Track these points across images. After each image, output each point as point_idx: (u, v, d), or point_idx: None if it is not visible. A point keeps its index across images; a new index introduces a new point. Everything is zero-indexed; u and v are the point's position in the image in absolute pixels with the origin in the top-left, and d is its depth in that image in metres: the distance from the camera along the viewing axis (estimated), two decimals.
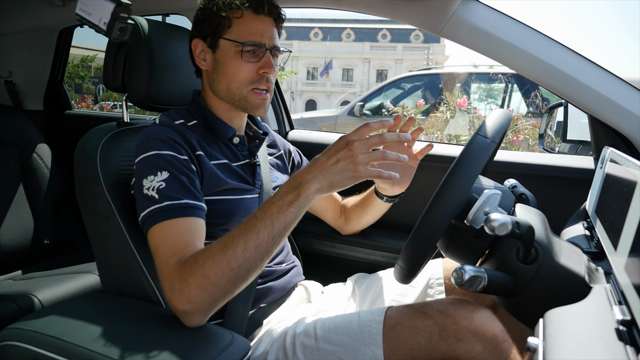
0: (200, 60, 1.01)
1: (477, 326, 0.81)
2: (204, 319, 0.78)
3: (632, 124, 1.05)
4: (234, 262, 0.74)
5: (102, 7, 0.95)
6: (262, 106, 0.99)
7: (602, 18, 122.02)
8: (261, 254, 0.76)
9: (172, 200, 0.84)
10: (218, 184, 0.95)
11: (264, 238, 0.75)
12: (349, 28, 40.80)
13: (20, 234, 1.63)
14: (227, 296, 0.77)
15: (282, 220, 0.76)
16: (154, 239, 0.83)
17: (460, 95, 4.35)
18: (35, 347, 0.76)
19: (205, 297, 0.75)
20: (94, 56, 20.10)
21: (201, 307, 0.76)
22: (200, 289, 0.74)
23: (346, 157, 0.75)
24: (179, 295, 0.75)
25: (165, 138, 0.91)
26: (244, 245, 0.75)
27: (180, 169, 0.88)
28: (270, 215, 0.76)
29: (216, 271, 0.74)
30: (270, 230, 0.75)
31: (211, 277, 0.74)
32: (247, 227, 0.77)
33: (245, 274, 0.76)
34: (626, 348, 0.46)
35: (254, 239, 0.75)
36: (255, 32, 0.95)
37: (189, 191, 0.87)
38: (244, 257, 0.75)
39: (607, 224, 0.73)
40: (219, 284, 0.75)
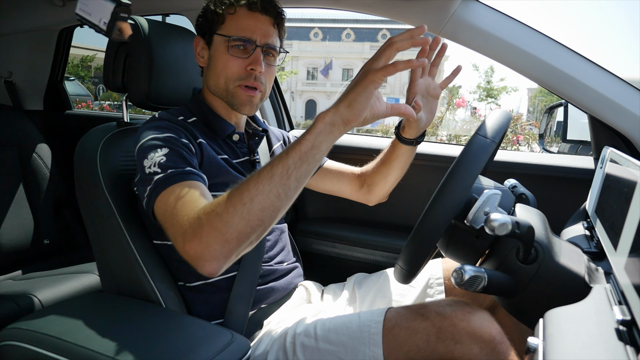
0: (199, 57, 1.02)
1: (475, 328, 0.81)
2: (218, 267, 0.72)
3: (632, 124, 1.05)
4: (246, 196, 0.70)
5: (102, 7, 0.95)
6: (248, 104, 0.98)
7: (602, 18, 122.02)
8: (276, 187, 0.70)
9: (174, 169, 0.83)
10: (218, 171, 0.95)
11: (278, 169, 0.70)
12: (349, 28, 40.78)
13: (20, 234, 1.63)
14: (242, 240, 0.71)
15: (296, 149, 0.71)
16: (162, 205, 0.80)
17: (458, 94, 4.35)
18: (35, 347, 0.76)
19: (217, 237, 0.70)
20: (93, 56, 20.10)
21: (213, 250, 0.70)
22: (213, 228, 0.70)
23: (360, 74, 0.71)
24: (191, 237, 0.71)
25: (165, 125, 0.91)
26: (257, 178, 0.71)
27: (180, 145, 0.88)
28: (287, 150, 0.72)
29: (228, 206, 0.70)
30: (284, 160, 0.71)
31: (223, 214, 0.70)
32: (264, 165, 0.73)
33: (259, 210, 0.70)
34: (626, 348, 0.46)
35: (267, 170, 0.71)
36: (246, 28, 0.95)
37: (188, 162, 0.86)
38: (257, 189, 0.70)
39: (607, 224, 0.73)
40: (232, 222, 0.70)
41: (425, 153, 1.46)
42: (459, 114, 6.17)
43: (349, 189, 1.23)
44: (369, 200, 1.24)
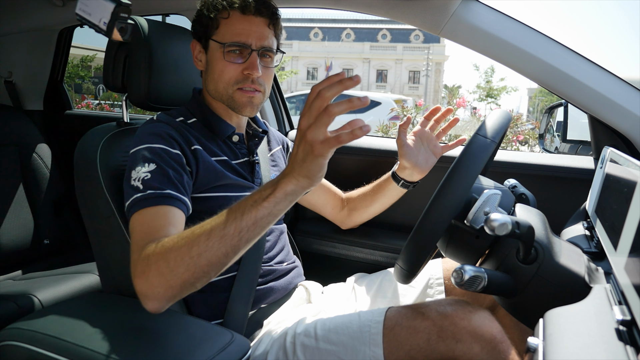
0: (197, 61, 1.02)
1: (475, 327, 0.81)
2: (159, 306, 0.74)
3: (632, 124, 1.05)
4: (194, 250, 0.71)
5: (102, 7, 0.95)
6: (249, 105, 0.98)
7: (602, 18, 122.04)
8: (225, 247, 0.71)
9: (154, 190, 0.83)
10: (216, 178, 0.95)
11: (230, 230, 0.70)
12: (349, 28, 40.80)
13: (20, 234, 1.63)
14: (185, 287, 0.73)
15: (252, 214, 0.70)
16: (132, 225, 0.82)
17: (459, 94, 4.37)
18: (35, 347, 0.76)
19: (161, 281, 0.72)
20: (93, 56, 20.10)
21: (157, 292, 0.72)
22: (159, 272, 0.72)
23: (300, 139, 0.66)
24: (139, 275, 0.73)
25: (160, 132, 0.91)
26: (208, 234, 0.71)
27: (169, 162, 0.88)
28: (242, 208, 0.71)
29: (176, 256, 0.71)
30: (238, 222, 0.70)
31: (170, 261, 0.71)
32: (217, 217, 0.73)
33: (205, 265, 0.71)
34: (626, 348, 0.46)
35: (219, 229, 0.71)
36: (240, 33, 0.94)
37: (173, 184, 0.86)
38: (206, 246, 0.71)
39: (607, 224, 0.73)
40: (177, 271, 0.71)
41: None
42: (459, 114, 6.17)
43: (330, 208, 1.32)
44: (344, 224, 1.36)
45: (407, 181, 1.19)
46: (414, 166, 1.15)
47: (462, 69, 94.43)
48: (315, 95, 0.63)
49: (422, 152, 1.17)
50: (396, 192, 1.22)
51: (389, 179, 1.21)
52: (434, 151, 1.19)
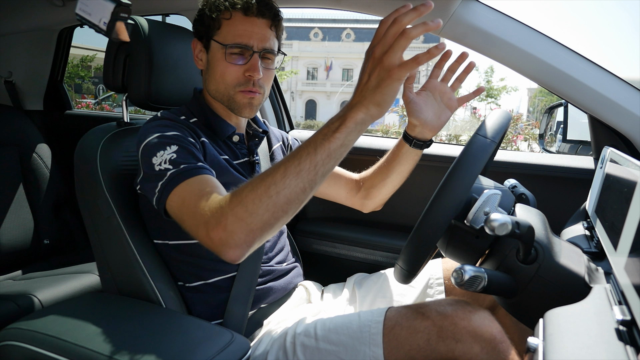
0: (197, 60, 1.02)
1: (475, 327, 0.81)
2: (241, 253, 0.72)
3: (632, 124, 1.05)
4: (272, 189, 0.70)
5: (102, 7, 0.95)
6: (249, 107, 0.98)
7: (602, 18, 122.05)
8: (302, 182, 0.70)
9: (187, 164, 0.83)
10: (220, 170, 0.95)
11: (306, 165, 0.70)
12: (349, 28, 40.78)
13: (20, 234, 1.63)
14: (266, 229, 0.72)
15: (326, 146, 0.70)
16: (178, 198, 0.80)
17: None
18: (35, 347, 0.76)
19: (242, 226, 0.70)
20: (93, 56, 20.09)
21: (237, 238, 0.71)
22: (237, 217, 0.70)
23: (374, 67, 0.68)
24: (215, 225, 0.71)
25: (168, 124, 0.92)
26: (284, 172, 0.70)
27: (187, 144, 0.88)
28: (314, 142, 0.70)
29: (254, 198, 0.70)
30: (312, 156, 0.70)
31: (248, 204, 0.70)
32: (290, 155, 0.72)
33: (284, 203, 0.71)
34: (626, 348, 0.46)
35: (294, 165, 0.70)
36: (242, 34, 0.94)
37: (198, 159, 0.87)
38: (284, 183, 0.70)
39: (607, 224, 0.73)
40: (257, 213, 0.70)
41: (425, 153, 1.46)
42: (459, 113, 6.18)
43: (345, 192, 1.22)
44: (365, 206, 1.23)
45: (419, 139, 1.05)
46: (424, 123, 1.02)
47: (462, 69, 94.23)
48: (390, 23, 0.66)
49: (433, 107, 1.03)
50: (411, 156, 1.09)
51: (401, 142, 1.09)
52: (449, 104, 1.04)
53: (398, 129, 6.11)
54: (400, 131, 5.96)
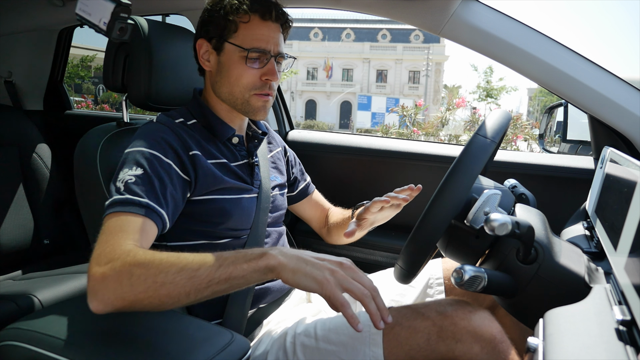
0: (204, 60, 1.00)
1: (475, 327, 0.81)
2: (102, 309, 0.71)
3: (632, 124, 1.05)
4: (161, 277, 0.68)
5: (102, 7, 0.95)
6: (263, 110, 0.99)
7: (602, 18, 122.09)
8: (190, 287, 0.69)
9: (133, 196, 0.81)
10: (214, 182, 0.95)
11: (202, 275, 0.69)
12: (349, 28, 40.79)
13: (20, 234, 1.63)
14: (135, 305, 0.70)
15: (228, 270, 0.69)
16: (105, 224, 0.79)
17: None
18: (35, 347, 0.76)
19: (116, 289, 0.69)
20: (93, 56, 20.09)
21: (107, 297, 0.69)
22: (117, 280, 0.69)
23: (333, 266, 0.70)
24: (97, 271, 0.70)
25: (157, 137, 0.90)
26: (181, 269, 0.69)
27: (157, 170, 0.86)
28: (223, 259, 0.70)
29: (140, 274, 0.69)
30: (212, 271, 0.69)
31: (133, 276, 0.69)
32: (197, 255, 0.71)
33: (164, 295, 0.69)
34: (626, 348, 0.46)
35: (193, 268, 0.69)
36: (261, 39, 0.94)
37: (155, 195, 0.84)
38: (173, 278, 0.68)
39: (607, 224, 0.73)
40: (135, 288, 0.69)
41: (425, 153, 1.46)
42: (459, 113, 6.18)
43: (316, 222, 1.31)
44: (326, 240, 1.32)
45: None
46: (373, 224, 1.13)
47: (462, 69, 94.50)
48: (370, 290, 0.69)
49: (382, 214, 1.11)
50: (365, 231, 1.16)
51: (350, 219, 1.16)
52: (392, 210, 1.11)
53: (398, 129, 6.14)
54: (400, 131, 5.98)
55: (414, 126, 5.87)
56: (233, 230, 1.00)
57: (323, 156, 1.63)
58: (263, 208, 1.05)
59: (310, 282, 0.68)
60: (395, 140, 1.67)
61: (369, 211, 1.06)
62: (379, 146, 1.52)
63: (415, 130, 5.82)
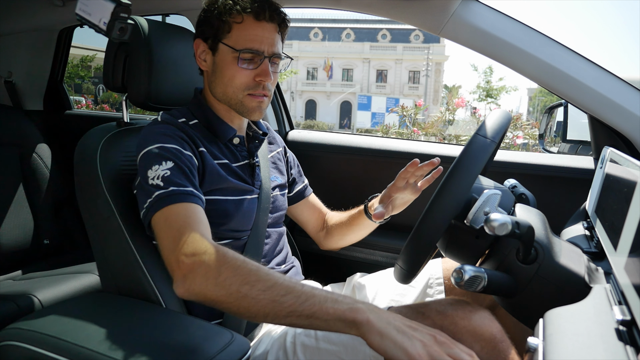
0: (200, 60, 1.01)
1: (476, 326, 0.81)
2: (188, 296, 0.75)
3: (632, 124, 1.05)
4: (245, 288, 0.71)
5: (102, 7, 0.95)
6: (257, 110, 0.99)
7: (602, 18, 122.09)
8: (269, 310, 0.70)
9: (177, 187, 0.84)
10: (219, 181, 0.95)
11: (285, 302, 0.69)
12: (348, 28, 40.79)
13: (20, 234, 1.63)
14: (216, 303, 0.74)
15: (314, 308, 0.68)
16: (160, 221, 0.82)
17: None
18: (35, 347, 0.76)
19: (202, 283, 0.72)
20: (93, 56, 20.09)
21: (192, 285, 0.73)
22: (205, 275, 0.72)
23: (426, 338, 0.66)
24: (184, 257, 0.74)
25: (170, 133, 0.92)
26: (267, 288, 0.70)
27: (184, 161, 0.89)
28: (313, 295, 0.69)
29: (227, 278, 0.72)
30: (296, 302, 0.69)
31: (221, 277, 0.72)
32: (290, 282, 0.72)
33: (243, 307, 0.71)
34: (626, 348, 0.46)
35: (279, 293, 0.70)
36: (254, 39, 0.94)
37: (192, 182, 0.87)
38: (256, 294, 0.70)
39: (607, 224, 0.73)
40: (220, 289, 0.72)
41: (425, 153, 1.46)
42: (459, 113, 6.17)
43: (312, 224, 1.30)
44: (322, 245, 1.31)
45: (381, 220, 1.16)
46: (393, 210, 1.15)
47: (462, 69, 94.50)
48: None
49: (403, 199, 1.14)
50: (370, 227, 1.20)
51: (362, 214, 1.18)
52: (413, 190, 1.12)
53: (398, 129, 6.14)
54: (400, 131, 5.98)
55: (414, 126, 5.86)
56: (233, 232, 1.00)
57: (323, 156, 1.63)
58: (263, 209, 1.05)
59: (399, 352, 0.63)
60: (395, 140, 1.67)
61: (395, 187, 1.09)
62: (379, 146, 1.52)
63: (415, 130, 5.82)
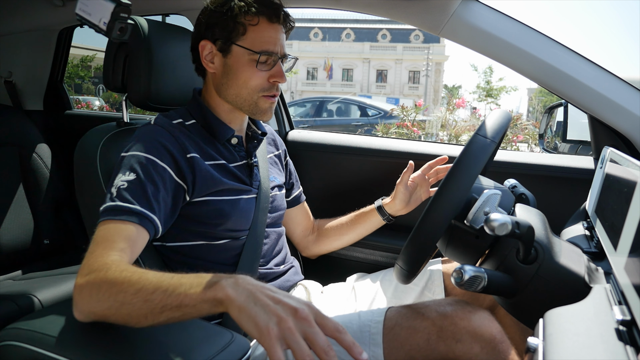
0: (207, 62, 0.98)
1: (475, 327, 0.81)
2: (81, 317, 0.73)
3: (632, 124, 1.05)
4: (121, 296, 0.68)
5: (102, 7, 0.95)
6: (269, 110, 1.00)
7: (601, 18, 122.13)
8: (145, 310, 0.66)
9: (123, 202, 0.82)
10: (213, 184, 0.95)
11: (155, 299, 0.65)
12: (348, 28, 40.80)
13: (20, 234, 1.63)
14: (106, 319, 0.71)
15: (180, 297, 0.64)
16: (97, 231, 0.80)
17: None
18: (35, 347, 0.76)
19: (89, 302, 0.71)
20: (93, 56, 20.09)
21: (80, 305, 0.72)
22: (89, 293, 0.70)
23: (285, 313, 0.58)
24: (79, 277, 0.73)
25: (153, 140, 0.90)
26: (138, 290, 0.67)
27: (151, 175, 0.86)
28: (179, 285, 0.65)
29: (105, 291, 0.69)
30: (164, 297, 0.65)
31: (101, 292, 0.69)
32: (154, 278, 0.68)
33: (125, 314, 0.68)
34: (626, 348, 0.46)
35: (149, 291, 0.66)
36: (269, 41, 0.94)
37: (147, 199, 0.84)
38: (131, 300, 0.67)
39: (607, 224, 0.73)
40: (102, 304, 0.69)
41: (425, 153, 1.46)
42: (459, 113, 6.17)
43: (300, 230, 1.32)
44: (307, 249, 1.34)
45: (392, 216, 1.25)
46: (405, 206, 1.23)
47: (462, 69, 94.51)
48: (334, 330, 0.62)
49: (414, 195, 1.25)
50: (377, 224, 1.26)
51: (373, 211, 1.25)
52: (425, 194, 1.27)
53: (398, 129, 6.15)
54: (399, 131, 5.99)
55: (414, 126, 5.86)
56: (232, 231, 1.00)
57: (323, 156, 1.63)
58: (262, 208, 1.05)
59: (251, 326, 0.58)
60: (395, 140, 1.67)
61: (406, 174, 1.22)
62: (379, 146, 1.52)
63: (415, 130, 5.82)
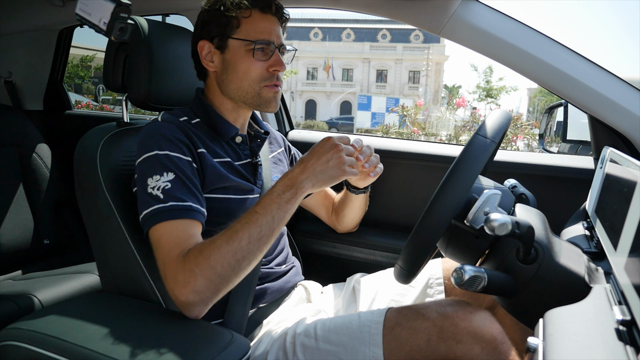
0: (207, 62, 0.99)
1: (476, 328, 0.81)
2: (205, 309, 0.80)
3: (632, 124, 1.06)
4: (239, 254, 0.79)
5: (102, 7, 0.95)
6: (274, 100, 1.00)
7: (601, 18, 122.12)
8: (262, 245, 0.81)
9: (176, 202, 0.85)
10: (219, 180, 0.95)
11: (266, 231, 0.81)
12: (348, 28, 40.78)
13: (20, 234, 1.63)
14: (230, 287, 0.81)
15: (281, 215, 0.83)
16: (157, 236, 0.84)
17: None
18: (35, 347, 0.76)
19: (210, 287, 0.78)
20: (93, 56, 20.09)
21: (205, 298, 0.78)
22: (207, 279, 0.77)
23: (335, 158, 0.85)
24: (183, 285, 0.77)
25: (171, 137, 0.91)
26: (249, 238, 0.80)
27: (185, 171, 0.89)
28: (270, 211, 0.82)
29: (222, 262, 0.78)
30: (271, 224, 0.82)
31: (217, 268, 0.77)
32: (250, 221, 0.81)
33: (247, 265, 0.81)
34: (626, 348, 0.46)
35: (257, 232, 0.80)
36: (264, 31, 0.96)
37: (193, 194, 0.88)
38: (248, 249, 0.79)
39: (607, 224, 0.73)
40: (225, 275, 0.78)
41: (425, 153, 1.46)
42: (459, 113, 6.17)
43: (325, 212, 1.36)
44: (337, 228, 1.39)
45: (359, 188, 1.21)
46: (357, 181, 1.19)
47: (462, 69, 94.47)
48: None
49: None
50: (358, 199, 1.25)
51: (347, 193, 1.25)
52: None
53: (398, 129, 6.15)
54: (400, 131, 6.02)
55: (414, 126, 5.87)
56: None
57: None
58: None
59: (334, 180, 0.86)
60: (395, 140, 1.67)
61: None
62: (380, 146, 1.52)
63: (415, 130, 5.82)
